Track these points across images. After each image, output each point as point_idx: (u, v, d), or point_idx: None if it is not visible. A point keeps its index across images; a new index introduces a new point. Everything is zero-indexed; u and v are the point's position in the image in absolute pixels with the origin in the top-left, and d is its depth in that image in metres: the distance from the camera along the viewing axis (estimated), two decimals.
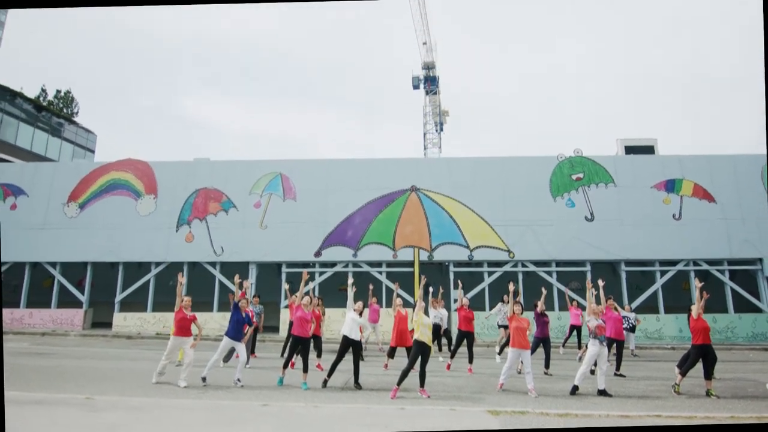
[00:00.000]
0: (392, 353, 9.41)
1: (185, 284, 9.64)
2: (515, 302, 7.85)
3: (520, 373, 8.29)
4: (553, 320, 14.03)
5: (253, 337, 9.97)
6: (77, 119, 42.69)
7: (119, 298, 17.04)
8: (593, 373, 7.88)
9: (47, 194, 17.67)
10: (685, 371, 7.53)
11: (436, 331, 10.34)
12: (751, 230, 16.02)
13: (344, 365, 7.74)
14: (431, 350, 7.36)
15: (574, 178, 16.80)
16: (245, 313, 8.26)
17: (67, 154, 34.17)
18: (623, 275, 16.18)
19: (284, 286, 13.96)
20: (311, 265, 16.85)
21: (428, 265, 16.89)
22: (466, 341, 9.64)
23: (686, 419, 5.80)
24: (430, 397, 6.90)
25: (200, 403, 6.41)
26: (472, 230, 16.53)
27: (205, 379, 7.55)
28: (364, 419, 5.75)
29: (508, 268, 16.47)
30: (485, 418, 5.72)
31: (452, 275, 16.27)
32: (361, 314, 8.06)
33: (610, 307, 9.70)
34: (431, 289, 10.39)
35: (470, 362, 9.49)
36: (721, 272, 16.08)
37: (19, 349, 12.05)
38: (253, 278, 16.37)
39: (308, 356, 7.79)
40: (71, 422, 5.25)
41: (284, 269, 16.61)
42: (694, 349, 7.56)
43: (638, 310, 15.21)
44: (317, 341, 9.42)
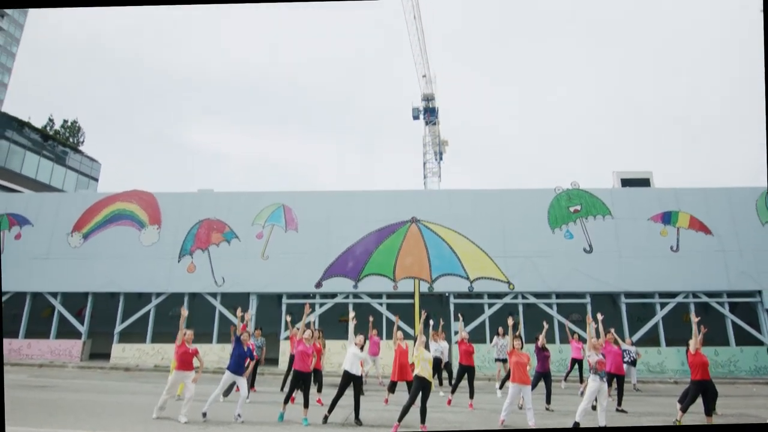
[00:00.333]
0: (393, 388, 9.40)
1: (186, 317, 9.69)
2: (515, 336, 7.93)
3: (521, 408, 8.28)
4: (554, 353, 13.96)
5: (253, 370, 9.97)
6: (82, 148, 43.49)
7: (119, 328, 16.95)
8: (594, 408, 7.87)
9: (52, 224, 17.85)
10: (685, 407, 7.54)
11: (436, 364, 10.35)
12: (748, 262, 16.11)
13: (344, 400, 7.75)
14: (432, 385, 7.39)
15: (571, 210, 17.04)
16: (247, 346, 8.32)
17: (71, 182, 34.61)
18: (623, 307, 16.17)
19: (285, 317, 13.97)
20: (312, 296, 16.87)
21: (428, 296, 16.92)
22: (467, 376, 9.64)
23: None
24: None
25: None
26: (472, 261, 16.64)
27: (205, 414, 7.55)
28: None
29: (508, 299, 16.49)
30: None
31: (452, 307, 16.26)
32: (362, 348, 8.12)
33: (609, 340, 9.75)
34: (431, 322, 10.45)
35: (471, 397, 9.45)
36: (720, 304, 16.09)
37: (18, 381, 11.98)
38: (253, 309, 16.36)
39: (309, 391, 7.80)
40: None
41: (285, 300, 16.60)
42: (693, 384, 7.59)
43: (640, 342, 15.17)
44: (318, 375, 9.42)
